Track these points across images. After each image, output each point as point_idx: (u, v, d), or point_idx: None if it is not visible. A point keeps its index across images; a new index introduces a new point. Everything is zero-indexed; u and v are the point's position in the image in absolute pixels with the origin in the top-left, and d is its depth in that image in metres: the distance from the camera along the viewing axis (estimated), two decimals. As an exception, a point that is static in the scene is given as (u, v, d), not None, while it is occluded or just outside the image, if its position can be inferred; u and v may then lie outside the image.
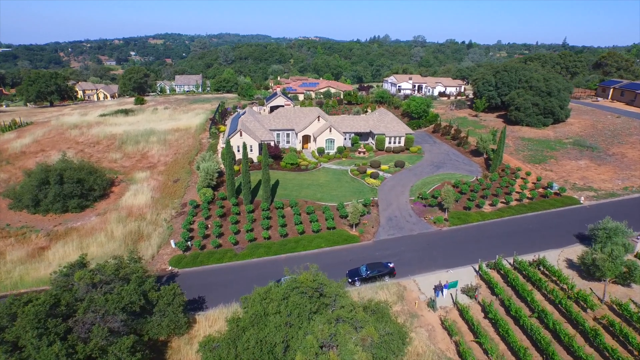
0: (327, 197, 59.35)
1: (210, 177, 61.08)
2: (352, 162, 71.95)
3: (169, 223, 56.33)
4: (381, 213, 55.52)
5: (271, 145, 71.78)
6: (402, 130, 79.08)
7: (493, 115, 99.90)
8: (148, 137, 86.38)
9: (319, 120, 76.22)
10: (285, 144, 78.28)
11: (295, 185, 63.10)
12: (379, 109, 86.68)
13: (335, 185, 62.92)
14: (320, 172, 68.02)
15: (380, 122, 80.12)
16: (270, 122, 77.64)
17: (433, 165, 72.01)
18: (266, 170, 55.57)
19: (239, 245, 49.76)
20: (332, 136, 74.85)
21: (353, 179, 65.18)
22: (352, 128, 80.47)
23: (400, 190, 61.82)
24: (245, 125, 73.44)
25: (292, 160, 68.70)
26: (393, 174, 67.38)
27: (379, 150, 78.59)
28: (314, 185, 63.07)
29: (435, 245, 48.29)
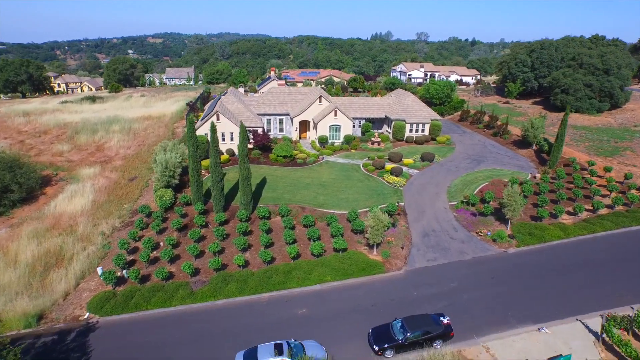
0: (333, 202, 41.28)
1: (170, 174, 42.94)
2: (364, 155, 53.89)
3: (106, 239, 38.24)
4: (412, 225, 37.43)
5: (258, 133, 53.75)
6: (426, 115, 61.01)
7: (528, 102, 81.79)
8: (109, 126, 68.27)
9: (320, 101, 58.21)
10: (277, 133, 60.28)
11: (288, 185, 44.99)
12: (396, 90, 68.61)
13: (343, 185, 44.82)
14: (322, 167, 49.91)
15: (398, 105, 62.04)
16: (259, 105, 59.65)
17: (470, 159, 53.89)
18: (245, 163, 37.56)
19: (200, 277, 31.65)
20: (337, 122, 56.79)
21: (367, 177, 47.08)
22: (362, 113, 62.39)
23: (433, 191, 43.70)
24: (224, 107, 55.38)
25: (284, 152, 50.62)
26: (420, 170, 49.29)
27: (397, 141, 60.50)
28: (315, 185, 44.98)
29: (505, 279, 30.16)
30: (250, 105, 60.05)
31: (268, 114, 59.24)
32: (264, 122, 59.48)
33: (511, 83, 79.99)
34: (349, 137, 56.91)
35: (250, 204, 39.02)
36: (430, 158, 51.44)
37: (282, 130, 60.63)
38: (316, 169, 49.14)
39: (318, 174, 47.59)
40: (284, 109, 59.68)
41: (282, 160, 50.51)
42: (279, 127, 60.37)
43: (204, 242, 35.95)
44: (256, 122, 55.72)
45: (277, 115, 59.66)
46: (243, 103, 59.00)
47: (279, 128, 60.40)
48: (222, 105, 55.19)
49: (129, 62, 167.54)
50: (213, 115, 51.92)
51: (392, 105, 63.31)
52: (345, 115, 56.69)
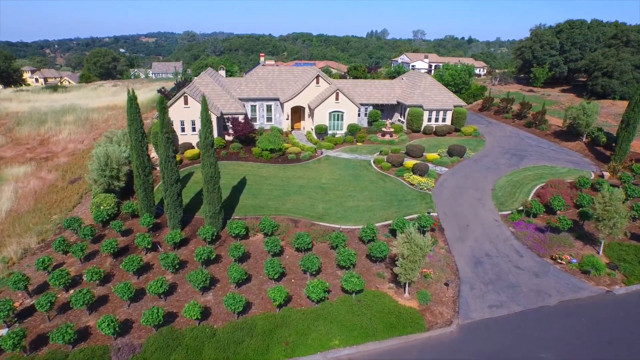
0: (338, 213, 29.03)
1: (112, 174, 30.53)
2: (373, 149, 41.69)
3: (9, 268, 25.84)
4: (454, 247, 25.30)
5: (238, 121, 41.39)
6: (447, 101, 48.98)
7: (555, 90, 70.00)
8: (61, 116, 55.55)
9: (318, 82, 45.97)
10: (264, 123, 47.97)
11: (276, 187, 32.67)
12: (409, 72, 56.44)
13: (350, 188, 32.57)
14: (321, 164, 37.62)
15: (413, 88, 49.92)
16: (242, 89, 47.31)
17: (509, 153, 41.88)
18: (210, 157, 25.26)
19: (130, 338, 19.30)
20: (339, 107, 44.57)
21: (382, 176, 34.86)
22: (369, 98, 50.19)
23: (474, 196, 31.61)
24: (195, 88, 42.94)
25: (271, 144, 38.21)
26: (450, 168, 37.19)
27: (412, 132, 48.39)
28: (311, 188, 32.71)
29: (630, 343, 18.17)
30: (230, 88, 47.69)
31: (253, 98, 46.89)
32: (248, 109, 47.15)
33: (537, 67, 68.04)
34: (353, 126, 44.68)
35: (219, 215, 26.70)
36: (460, 152, 39.36)
37: (270, 120, 48.32)
38: (313, 167, 36.88)
39: (316, 173, 35.34)
40: (272, 93, 47.37)
41: (268, 156, 38.18)
42: (266, 116, 48.03)
43: (148, 274, 23.63)
44: (237, 108, 43.35)
45: (263, 101, 47.32)
46: (222, 86, 46.61)
47: (266, 116, 48.06)
48: (192, 86, 42.74)
49: (111, 55, 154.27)
50: (179, 98, 39.48)
51: (405, 89, 51.19)
52: (349, 100, 44.46)
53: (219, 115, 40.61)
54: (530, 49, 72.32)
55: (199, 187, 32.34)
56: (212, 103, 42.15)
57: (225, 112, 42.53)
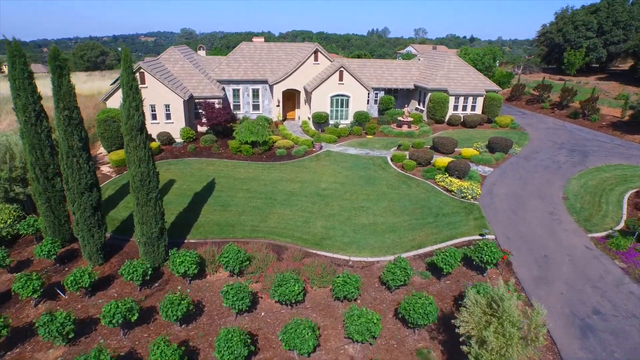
0: (345, 234, 18.98)
1: (15, 174, 20.67)
2: (389, 143, 31.70)
3: None
4: (534, 294, 15.30)
5: (212, 106, 31.43)
6: (477, 84, 39.01)
7: (591, 78, 59.94)
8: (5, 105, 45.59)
9: (316, 59, 36.05)
10: (249, 111, 37.98)
11: (255, 195, 22.67)
12: (428, 51, 46.44)
13: (362, 196, 22.54)
14: (321, 162, 27.55)
15: (434, 69, 39.94)
16: (221, 69, 37.37)
17: (564, 149, 31.92)
18: (137, 147, 15.26)
19: None
20: (344, 90, 34.58)
21: (404, 179, 24.76)
22: (380, 81, 40.20)
23: (543, 208, 21.53)
24: (159, 65, 32.92)
25: (253, 136, 28.05)
26: (495, 167, 27.14)
27: (435, 122, 38.41)
28: (306, 195, 22.68)
29: None
30: (208, 67, 37.76)
31: (235, 81, 36.89)
32: (229, 94, 37.21)
33: (572, 51, 57.88)
34: (362, 115, 34.63)
35: (159, 241, 16.67)
36: (505, 147, 29.34)
37: (257, 108, 38.34)
38: (309, 166, 26.86)
39: (313, 175, 25.32)
40: (259, 74, 37.39)
41: (249, 151, 28.17)
42: (252, 102, 38.04)
43: (22, 346, 13.63)
44: (212, 90, 33.37)
45: (248, 84, 37.32)
46: (196, 65, 36.66)
47: (252, 103, 38.07)
48: (154, 63, 32.77)
49: (99, 48, 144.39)
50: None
51: (424, 71, 41.19)
52: (356, 80, 34.43)
53: (186, 99, 30.61)
54: (560, 32, 62.26)
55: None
56: (179, 84, 32.21)
57: (197, 96, 32.58)
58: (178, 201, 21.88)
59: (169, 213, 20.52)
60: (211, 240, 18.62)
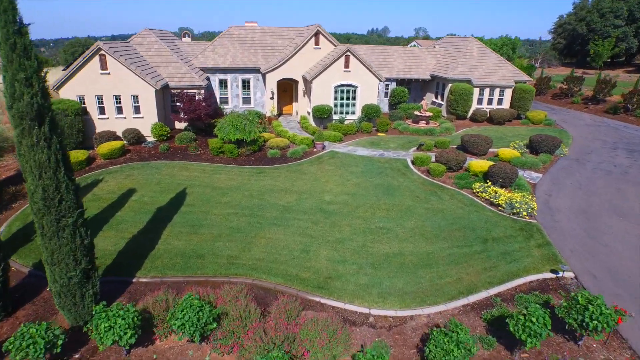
0: (360, 270, 13.14)
1: None
2: (407, 141, 25.95)
3: None
4: (670, 381, 9.77)
5: (191, 97, 25.70)
6: (505, 74, 33.36)
7: (618, 71, 54.35)
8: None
9: (317, 43, 30.40)
10: (238, 104, 32.30)
11: (237, 211, 16.97)
12: (444, 38, 40.70)
13: (380, 212, 16.84)
14: (324, 165, 21.84)
15: (454, 56, 34.27)
16: (206, 55, 31.71)
17: (619, 148, 26.14)
18: (36, 147, 9.50)
19: None
20: (351, 79, 28.85)
21: (432, 188, 19.04)
22: (392, 71, 34.53)
23: (630, 231, 15.89)
24: (128, 49, 27.16)
25: (238, 133, 22.20)
26: (544, 172, 21.42)
27: (457, 118, 32.73)
28: (305, 211, 16.99)
29: None
30: (190, 53, 32.12)
31: (222, 69, 31.20)
32: (215, 85, 31.56)
33: (599, 41, 52.17)
34: (372, 109, 28.88)
35: (87, 288, 10.96)
36: (551, 147, 23.62)
37: (248, 101, 32.66)
38: (310, 171, 21.13)
39: (314, 183, 19.61)
40: (251, 62, 31.70)
41: (234, 152, 22.44)
42: (241, 95, 32.33)
43: None
44: (192, 79, 27.65)
45: (237, 73, 31.63)
46: (175, 50, 31.01)
47: (241, 96, 32.37)
48: (120, 45, 27.03)
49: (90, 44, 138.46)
50: (91, 58, 23.77)
51: (441, 60, 35.54)
52: (365, 67, 28.71)
53: (158, 89, 24.88)
54: (582, 21, 56.61)
55: (102, 206, 16.76)
56: (151, 71, 26.52)
57: (174, 86, 26.88)
58: (134, 220, 16.20)
59: (118, 237, 14.90)
60: (170, 280, 12.97)
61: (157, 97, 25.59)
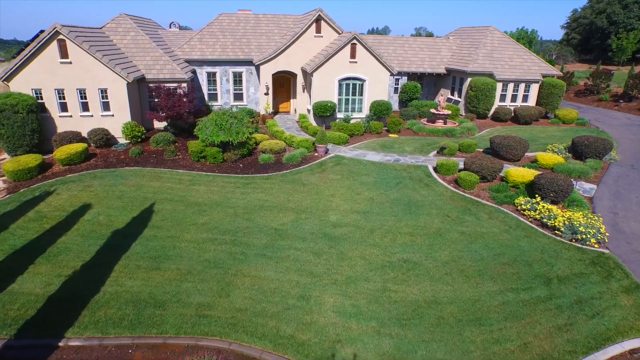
0: (383, 329, 9.14)
1: None
2: (424, 144, 22.02)
3: None
4: None
5: (169, 91, 21.77)
6: (531, 67, 29.43)
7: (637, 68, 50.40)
8: None
9: (319, 31, 26.49)
10: (229, 101, 28.34)
11: (215, 236, 13.02)
12: (461, 28, 36.71)
13: (401, 238, 12.90)
14: (327, 174, 17.91)
15: (473, 47, 30.30)
16: (192, 45, 27.79)
17: (673, 152, 22.40)
18: None
19: None
20: (358, 72, 24.90)
21: (465, 203, 15.05)
22: (402, 64, 30.55)
23: None
24: (92, 35, 23.25)
25: (223, 134, 18.20)
26: (597, 182, 17.50)
27: (477, 117, 28.77)
28: (303, 237, 13.07)
29: None
30: (175, 46, 28.21)
31: (210, 61, 27.25)
32: (203, 79, 27.62)
33: (623, 34, 48.14)
34: (383, 106, 24.89)
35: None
36: (600, 150, 19.63)
37: (240, 97, 28.71)
38: (310, 181, 17.17)
39: (316, 197, 15.66)
40: (243, 53, 27.75)
41: (217, 157, 18.45)
42: (232, 90, 28.38)
43: None
44: (173, 71, 23.70)
45: (228, 65, 27.68)
46: (156, 39, 27.09)
47: (232, 91, 28.42)
48: (85, 31, 23.06)
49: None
50: (49, 43, 19.81)
51: (457, 52, 31.62)
52: (375, 57, 24.75)
53: (130, 81, 20.92)
54: (602, 14, 52.68)
55: (43, 227, 12.86)
56: (124, 61, 22.59)
57: (151, 78, 22.93)
58: (80, 248, 12.29)
59: (54, 274, 11.05)
60: (113, 342, 9.12)
61: (131, 92, 21.67)
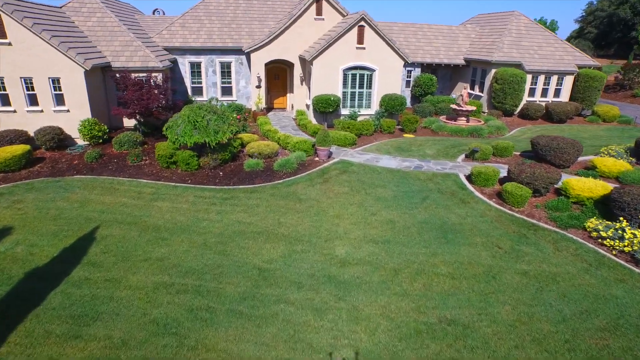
0: None
1: None
2: (448, 146, 18.16)
3: None
4: None
5: (136, 82, 17.87)
6: (563, 56, 25.56)
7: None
8: None
9: (319, 13, 22.62)
10: (216, 96, 24.50)
11: (170, 282, 9.08)
12: (481, 15, 32.79)
13: (438, 283, 9.01)
14: (333, 185, 14.05)
15: (496, 34, 26.41)
16: (173, 32, 23.95)
17: None
18: None
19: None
20: (366, 60, 20.96)
21: (514, 226, 11.09)
22: (416, 54, 26.60)
23: None
24: (42, 13, 19.36)
25: (197, 134, 14.24)
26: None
27: (504, 114, 24.88)
28: (303, 283, 9.13)
29: None
30: (153, 33, 24.31)
31: (193, 49, 23.32)
32: (185, 69, 23.68)
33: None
34: (396, 100, 20.91)
35: None
36: (669, 154, 15.83)
37: (229, 91, 24.77)
38: (309, 196, 13.26)
39: (317, 218, 11.73)
40: (230, 40, 23.82)
41: (190, 163, 14.53)
42: (220, 82, 24.45)
43: None
44: (146, 59, 19.75)
45: (214, 54, 23.74)
46: (129, 24, 23.18)
47: (220, 84, 24.48)
48: (31, 7, 19.12)
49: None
50: (-14, 22, 15.89)
51: (477, 40, 27.71)
52: (386, 42, 20.82)
53: (88, 69, 16.99)
54: (626, 4, 48.82)
55: None
56: (84, 44, 18.67)
57: (119, 67, 19.00)
58: (-24, 298, 8.34)
59: None
60: None
61: (92, 83, 17.77)
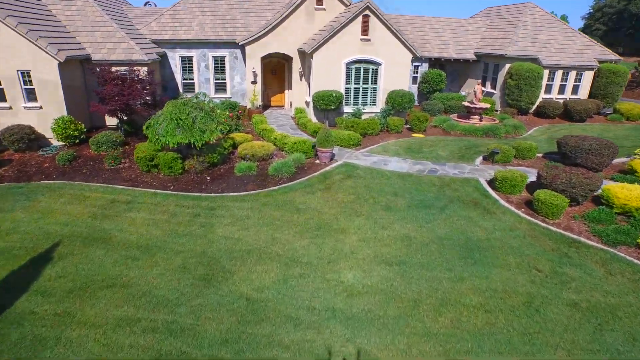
0: None
1: None
2: (461, 147, 16.42)
3: None
4: None
5: (116, 76, 16.10)
6: (582, 50, 23.78)
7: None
8: None
9: (320, 3, 20.85)
10: (209, 93, 22.75)
11: (139, 315, 7.26)
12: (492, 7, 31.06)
13: (469, 325, 7.17)
14: (336, 193, 12.25)
15: (510, 27, 24.61)
16: (162, 24, 22.19)
17: None
18: None
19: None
20: (371, 54, 19.18)
21: (551, 242, 9.30)
22: (423, 48, 24.84)
23: None
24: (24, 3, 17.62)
25: (180, 134, 12.36)
26: None
27: (519, 113, 23.11)
28: (302, 320, 7.39)
29: None
30: (142, 19, 22.54)
31: (183, 42, 21.54)
32: (175, 64, 21.91)
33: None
34: (403, 97, 19.15)
35: None
36: None
37: (222, 88, 22.99)
38: (308, 205, 11.47)
39: (317, 236, 9.92)
40: (224, 33, 22.04)
41: (173, 167, 12.73)
42: (213, 78, 22.67)
43: None
44: (130, 51, 17.98)
45: (206, 48, 21.96)
46: (114, 15, 21.41)
47: (213, 80, 22.71)
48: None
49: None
50: (-54, 8, 14.11)
51: (488, 33, 25.92)
52: (393, 34, 19.07)
53: (62, 61, 15.22)
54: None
55: None
56: (58, 34, 16.92)
57: (100, 60, 17.22)
58: None
59: None
60: None
61: (68, 77, 16.00)
